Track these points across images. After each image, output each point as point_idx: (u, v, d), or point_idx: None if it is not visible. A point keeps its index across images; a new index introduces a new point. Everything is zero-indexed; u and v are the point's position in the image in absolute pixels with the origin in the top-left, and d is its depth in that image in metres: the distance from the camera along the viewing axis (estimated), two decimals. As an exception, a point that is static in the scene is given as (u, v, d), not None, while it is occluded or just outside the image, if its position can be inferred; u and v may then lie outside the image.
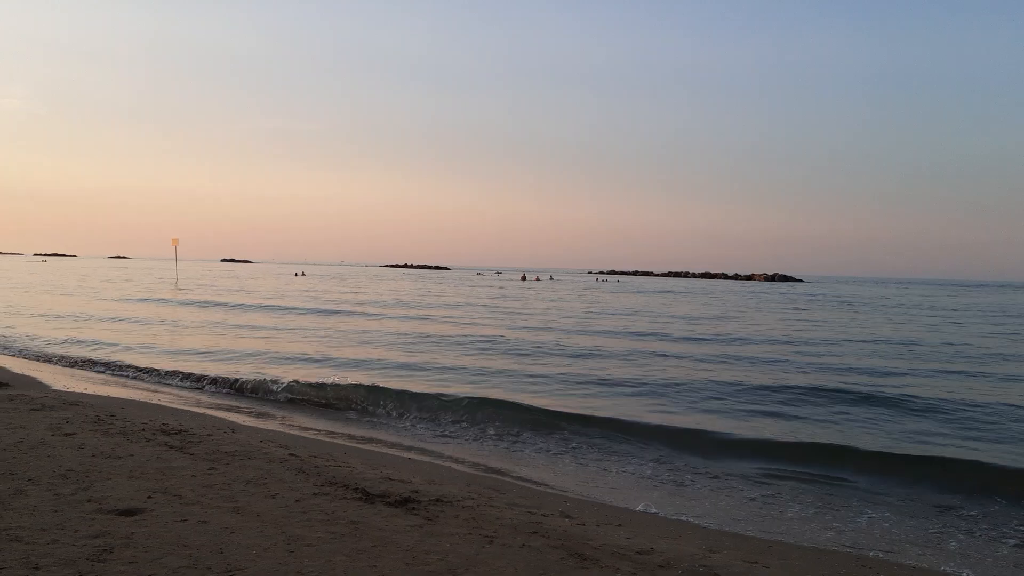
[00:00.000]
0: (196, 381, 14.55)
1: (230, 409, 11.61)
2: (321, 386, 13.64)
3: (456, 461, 9.06)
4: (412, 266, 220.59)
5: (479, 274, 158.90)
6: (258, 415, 11.26)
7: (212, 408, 11.41)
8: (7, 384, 10.75)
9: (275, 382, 13.89)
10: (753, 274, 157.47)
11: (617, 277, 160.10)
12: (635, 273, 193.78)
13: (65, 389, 11.51)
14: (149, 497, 5.59)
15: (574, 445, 10.31)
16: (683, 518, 7.09)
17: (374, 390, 13.30)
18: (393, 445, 9.74)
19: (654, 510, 7.33)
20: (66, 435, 7.57)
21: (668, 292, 74.77)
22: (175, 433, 8.08)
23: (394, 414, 12.10)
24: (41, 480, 5.87)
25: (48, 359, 16.90)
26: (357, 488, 6.36)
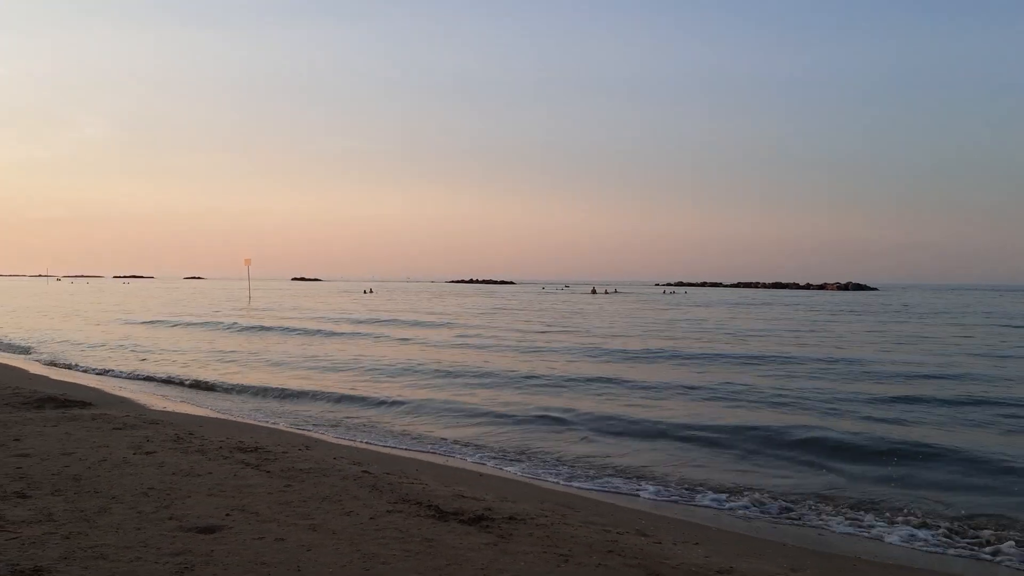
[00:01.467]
0: (262, 395, 14.78)
1: (302, 425, 11.77)
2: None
3: (529, 477, 9.00)
4: (477, 281, 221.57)
5: (543, 288, 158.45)
6: (333, 425, 11.38)
7: (287, 424, 11.58)
8: (91, 403, 11.08)
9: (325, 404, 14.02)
10: (826, 283, 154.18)
11: (685, 289, 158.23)
12: (703, 284, 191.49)
13: (147, 406, 11.83)
14: (228, 515, 5.67)
15: (662, 456, 10.09)
16: (766, 537, 6.91)
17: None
18: (464, 461, 9.73)
19: (733, 528, 7.15)
20: (147, 453, 7.75)
21: (767, 304, 72.99)
22: (251, 451, 8.21)
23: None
24: (124, 498, 6.01)
25: (131, 376, 17.38)
26: (431, 505, 6.36)
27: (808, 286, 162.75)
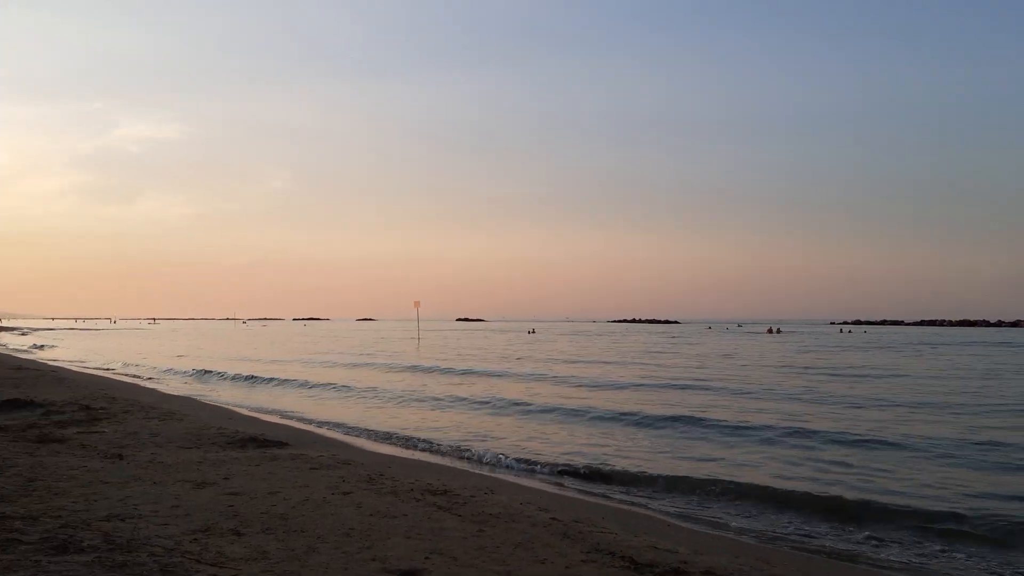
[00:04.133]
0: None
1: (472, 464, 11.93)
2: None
3: (717, 527, 8.71)
4: (640, 320, 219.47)
5: (709, 327, 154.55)
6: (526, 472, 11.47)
7: (469, 465, 11.78)
8: (287, 443, 11.68)
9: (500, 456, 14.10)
10: (1019, 320, 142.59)
11: (864, 327, 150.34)
12: (882, 323, 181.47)
13: (338, 446, 12.34)
14: (427, 558, 5.79)
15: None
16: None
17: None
18: (652, 509, 9.55)
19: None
20: (344, 494, 8.06)
21: (1004, 344, 68.39)
22: (441, 493, 8.37)
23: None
24: (328, 538, 6.26)
25: (320, 423, 18.24)
26: (624, 556, 6.25)
27: (1000, 323, 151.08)
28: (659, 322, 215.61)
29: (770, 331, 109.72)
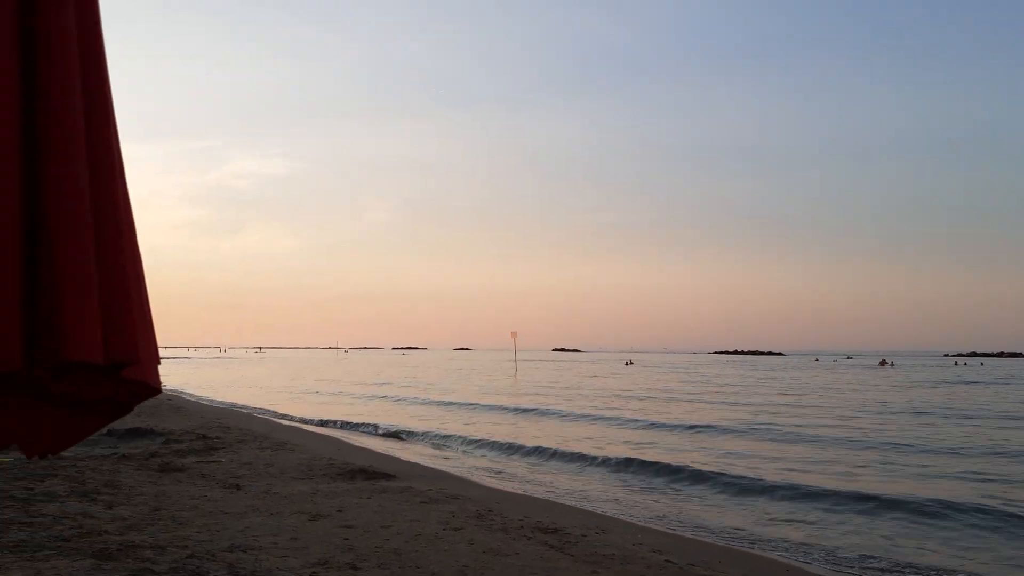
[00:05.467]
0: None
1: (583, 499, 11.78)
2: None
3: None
4: (742, 352, 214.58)
5: (816, 359, 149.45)
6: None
7: (577, 501, 11.66)
8: (395, 476, 11.80)
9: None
10: None
11: (980, 360, 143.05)
12: (999, 355, 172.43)
13: (445, 479, 12.40)
14: (544, 600, 5.71)
15: None
16: None
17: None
18: (771, 555, 9.23)
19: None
20: (455, 529, 8.06)
21: None
22: (551, 532, 8.28)
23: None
24: (444, 575, 6.26)
25: (427, 444, 18.43)
26: (747, 604, 6.03)
27: None
28: (762, 353, 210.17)
29: (883, 363, 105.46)
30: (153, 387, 1.97)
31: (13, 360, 1.55)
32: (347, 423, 24.11)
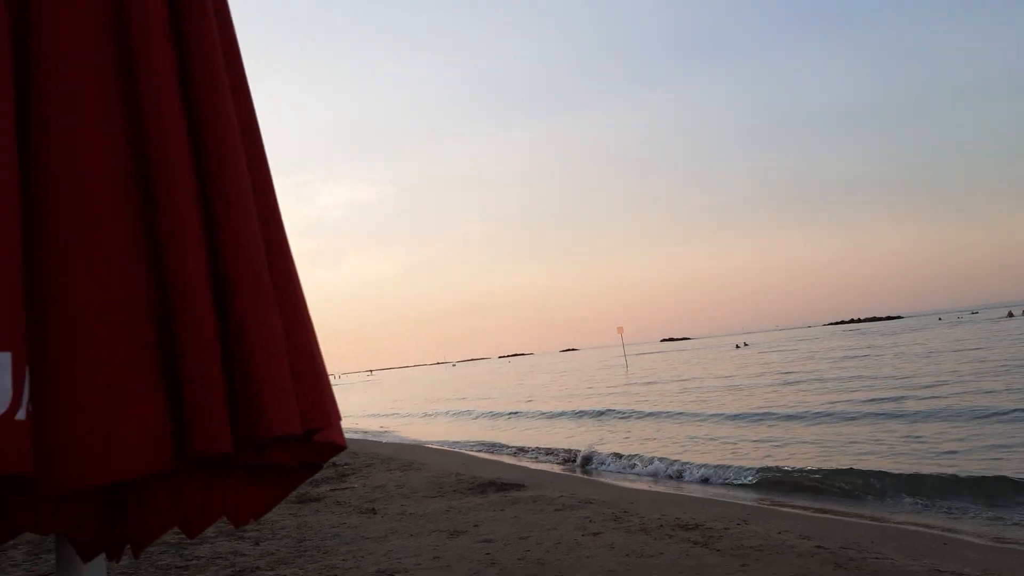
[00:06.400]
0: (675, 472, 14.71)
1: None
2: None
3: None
4: (858, 320, 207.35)
5: (940, 319, 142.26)
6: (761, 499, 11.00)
7: (714, 494, 11.43)
8: (524, 485, 11.80)
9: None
10: None
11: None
12: None
13: (570, 477, 12.35)
14: (698, 600, 5.58)
15: None
16: None
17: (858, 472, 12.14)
18: (916, 524, 8.82)
19: None
20: (594, 535, 7.98)
21: None
22: (692, 528, 8.12)
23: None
24: (591, 582, 6.19)
25: (546, 453, 18.41)
26: (912, 586, 5.75)
27: None
28: (879, 319, 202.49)
29: (1010, 315, 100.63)
30: (340, 444, 1.98)
31: (224, 443, 1.56)
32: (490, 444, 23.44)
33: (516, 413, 33.26)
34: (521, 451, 19.32)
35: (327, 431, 1.88)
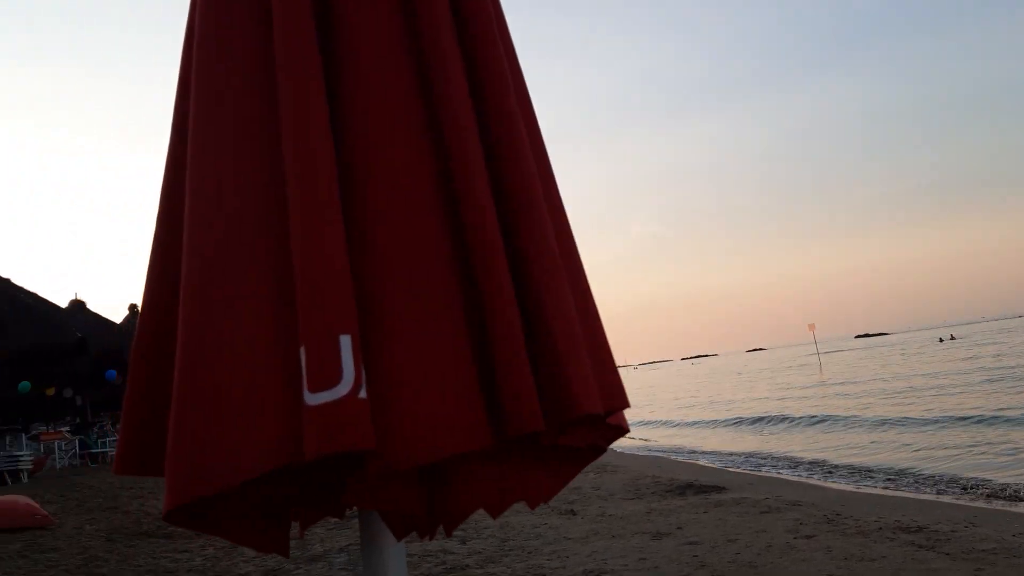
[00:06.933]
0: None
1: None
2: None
3: None
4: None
5: None
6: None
7: (930, 497, 10.70)
8: (724, 487, 11.52)
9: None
10: None
11: None
12: None
13: (773, 478, 11.92)
14: (931, 606, 5.22)
15: None
16: None
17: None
18: None
19: None
20: (807, 537, 7.65)
21: None
22: (914, 530, 7.62)
23: None
24: (810, 586, 5.93)
25: (748, 456, 17.90)
26: None
27: None
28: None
29: None
30: (624, 428, 2.01)
31: (536, 422, 1.61)
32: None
33: (709, 421, 32.45)
34: (716, 454, 18.95)
35: (616, 414, 1.91)
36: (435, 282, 1.69)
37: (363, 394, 1.49)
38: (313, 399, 1.46)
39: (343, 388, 1.46)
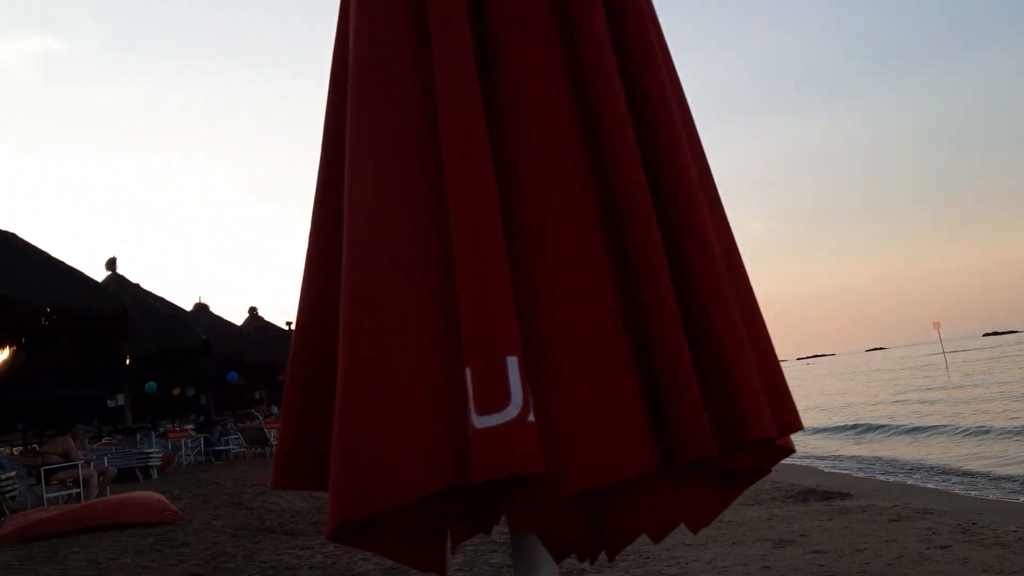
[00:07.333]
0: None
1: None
2: None
3: None
4: None
5: None
6: None
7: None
8: (849, 494, 11.13)
9: None
10: None
11: None
12: None
13: (902, 485, 11.45)
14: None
15: None
16: None
17: None
18: None
19: None
20: (941, 548, 7.34)
21: None
22: (1059, 543, 7.20)
23: None
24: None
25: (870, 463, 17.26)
26: None
27: None
28: None
29: None
30: (790, 448, 1.98)
31: (708, 447, 1.60)
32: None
33: (827, 425, 31.20)
34: (836, 459, 18.35)
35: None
36: (598, 301, 1.66)
37: (531, 418, 1.48)
38: (481, 422, 1.46)
39: (512, 411, 1.46)
